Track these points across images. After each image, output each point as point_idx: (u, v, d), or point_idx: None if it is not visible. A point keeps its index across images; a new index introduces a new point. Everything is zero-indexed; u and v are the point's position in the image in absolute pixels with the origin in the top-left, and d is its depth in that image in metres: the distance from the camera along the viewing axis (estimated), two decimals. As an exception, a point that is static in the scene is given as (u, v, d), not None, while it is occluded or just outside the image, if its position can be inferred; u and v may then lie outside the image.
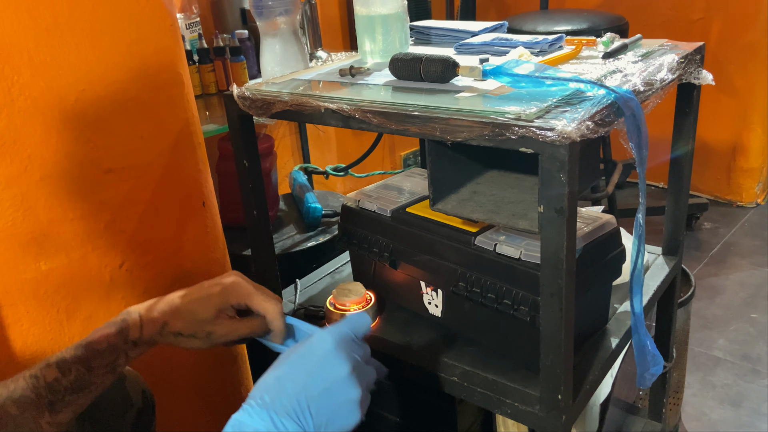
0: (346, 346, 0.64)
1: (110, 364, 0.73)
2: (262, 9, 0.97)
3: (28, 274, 0.86)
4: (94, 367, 0.72)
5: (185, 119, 1.00)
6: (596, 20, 1.96)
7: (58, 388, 0.70)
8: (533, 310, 0.80)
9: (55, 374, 0.71)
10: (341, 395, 0.61)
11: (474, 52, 0.97)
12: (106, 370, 0.73)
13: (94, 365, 0.72)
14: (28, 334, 0.87)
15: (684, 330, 1.44)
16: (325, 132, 2.34)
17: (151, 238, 0.98)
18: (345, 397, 0.61)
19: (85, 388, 0.72)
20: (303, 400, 0.59)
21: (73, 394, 0.71)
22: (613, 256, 0.90)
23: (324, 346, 0.63)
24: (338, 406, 0.61)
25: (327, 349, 0.62)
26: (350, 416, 0.61)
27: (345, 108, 0.79)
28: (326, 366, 0.61)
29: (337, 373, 0.61)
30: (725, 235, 2.54)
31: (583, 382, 0.84)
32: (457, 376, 0.87)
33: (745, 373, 1.80)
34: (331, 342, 0.63)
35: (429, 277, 0.96)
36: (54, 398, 0.70)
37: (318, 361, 0.62)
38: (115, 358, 0.74)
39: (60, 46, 0.83)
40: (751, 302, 2.11)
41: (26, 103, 0.81)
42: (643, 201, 0.74)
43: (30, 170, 0.83)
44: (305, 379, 0.60)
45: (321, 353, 0.62)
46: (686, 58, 0.90)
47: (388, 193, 1.05)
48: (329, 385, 0.61)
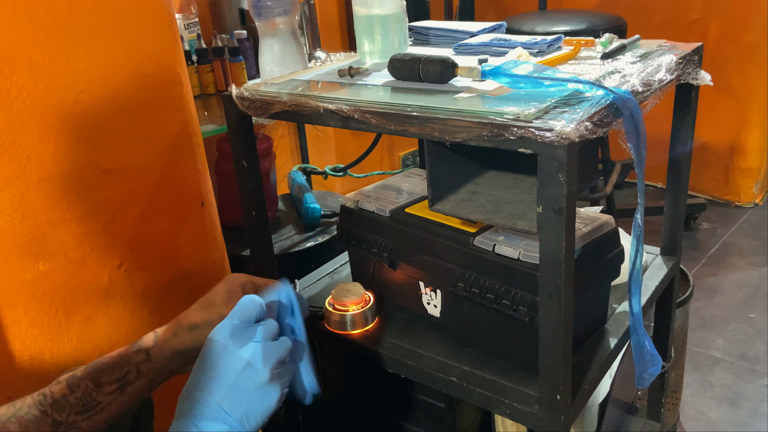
0: (236, 338, 0.65)
1: (120, 379, 0.71)
2: (260, 9, 0.97)
3: (27, 275, 0.85)
4: (102, 383, 0.70)
5: (184, 120, 1.00)
6: (595, 21, 1.96)
7: (63, 405, 0.69)
8: (532, 311, 0.80)
9: (64, 390, 0.69)
10: (248, 384, 0.63)
11: (473, 53, 0.97)
12: (115, 388, 0.71)
13: (103, 380, 0.71)
14: (27, 335, 0.87)
15: (682, 330, 1.44)
16: (324, 132, 2.34)
17: (150, 238, 0.98)
18: (252, 384, 0.63)
19: (91, 409, 0.70)
20: (213, 402, 0.62)
21: (78, 414, 0.69)
22: (611, 256, 0.90)
23: (213, 348, 0.64)
24: (250, 394, 0.63)
25: (216, 350, 0.64)
26: (266, 399, 0.64)
27: (344, 108, 0.79)
28: (222, 365, 0.63)
29: (234, 366, 0.63)
30: (723, 235, 2.54)
31: (582, 382, 0.84)
32: (456, 377, 0.87)
33: (744, 372, 1.81)
34: (218, 341, 0.65)
35: (428, 277, 0.96)
36: (58, 418, 0.68)
37: (213, 363, 0.64)
38: (125, 372, 0.72)
39: (59, 47, 0.83)
40: (749, 302, 2.11)
41: (25, 103, 0.81)
42: (642, 201, 0.75)
43: (28, 171, 0.83)
44: (206, 383, 0.63)
45: (213, 355, 0.64)
46: (684, 58, 0.90)
47: (387, 194, 1.05)
48: (233, 380, 0.63)
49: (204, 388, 0.63)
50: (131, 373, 0.72)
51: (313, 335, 1.05)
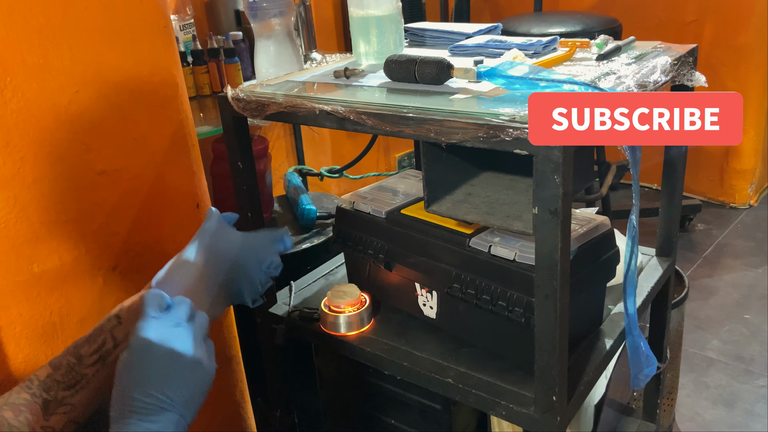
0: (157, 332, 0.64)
1: (98, 350, 0.72)
2: (256, 11, 0.97)
3: (21, 277, 0.85)
4: (83, 356, 0.71)
5: (179, 121, 1.00)
6: (590, 22, 1.97)
7: (50, 384, 0.70)
8: (528, 312, 0.80)
9: (48, 371, 0.71)
10: (181, 368, 0.63)
11: (468, 54, 0.97)
12: (95, 359, 0.72)
13: (83, 353, 0.72)
14: (21, 337, 0.87)
15: (678, 331, 1.45)
16: (320, 134, 2.34)
17: (145, 240, 0.97)
18: (186, 367, 0.64)
19: (77, 383, 0.71)
20: (157, 394, 0.61)
21: (66, 390, 0.70)
22: (607, 257, 0.90)
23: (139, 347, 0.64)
24: (186, 377, 0.64)
25: (143, 348, 0.63)
26: (202, 377, 0.65)
27: (339, 110, 0.79)
28: (151, 359, 0.63)
29: (164, 357, 0.63)
30: (718, 236, 2.55)
31: (578, 383, 0.85)
32: (452, 378, 0.87)
33: (739, 373, 1.81)
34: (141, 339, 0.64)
35: (424, 278, 0.96)
36: (47, 396, 0.69)
37: (142, 361, 0.63)
38: (102, 342, 0.73)
39: (53, 48, 0.82)
40: (744, 303, 2.12)
41: (19, 104, 0.80)
42: (637, 202, 0.75)
43: (23, 172, 0.82)
44: (142, 380, 0.62)
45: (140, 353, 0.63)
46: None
47: (383, 195, 1.05)
48: (166, 369, 0.63)
49: (142, 385, 0.62)
50: (107, 341, 0.73)
51: (309, 337, 1.06)
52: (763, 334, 1.96)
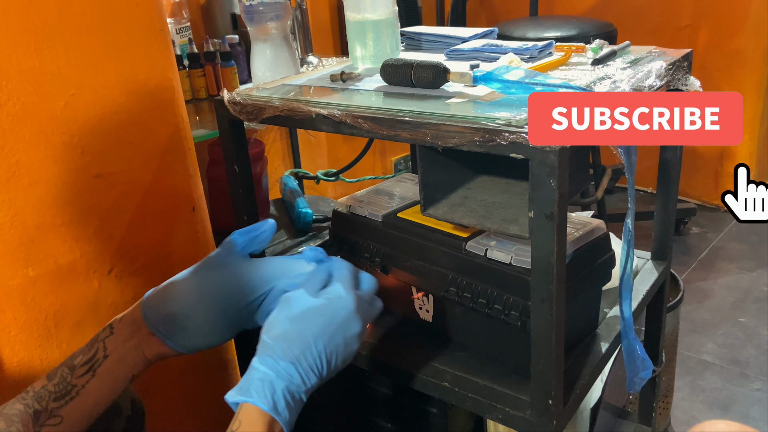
0: (361, 307, 0.72)
1: (89, 360, 0.72)
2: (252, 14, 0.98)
3: (16, 281, 0.85)
4: (75, 366, 0.71)
5: (175, 124, 0.99)
6: (585, 27, 1.98)
7: (42, 394, 0.69)
8: (524, 315, 0.80)
9: (43, 381, 0.70)
10: (352, 345, 0.71)
11: (464, 58, 0.97)
12: (86, 369, 0.71)
13: (76, 363, 0.71)
14: (16, 341, 0.86)
15: (673, 334, 1.45)
16: (316, 137, 2.34)
17: (141, 243, 0.97)
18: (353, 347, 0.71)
19: (66, 394, 0.70)
20: (324, 356, 0.68)
21: (56, 401, 0.69)
22: (602, 260, 0.90)
23: (346, 310, 0.70)
24: (348, 352, 0.71)
25: (348, 313, 0.70)
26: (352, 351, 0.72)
27: (336, 113, 0.79)
28: (346, 327, 0.70)
29: (354, 330, 0.70)
30: (713, 239, 2.56)
31: (574, 386, 0.85)
32: (448, 382, 0.87)
33: (734, 376, 1.82)
34: (352, 305, 0.71)
35: (420, 282, 0.96)
36: (38, 407, 0.68)
37: (341, 322, 0.70)
38: (94, 351, 0.72)
39: (49, 51, 0.82)
40: (739, 306, 2.13)
41: (14, 107, 0.80)
42: (632, 206, 0.75)
43: (18, 175, 0.82)
44: (329, 338, 0.68)
45: (344, 315, 0.70)
46: (674, 64, 0.90)
47: (379, 198, 1.05)
48: (346, 340, 0.70)
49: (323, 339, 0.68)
50: (99, 351, 0.72)
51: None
52: (759, 338, 1.96)
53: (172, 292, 0.75)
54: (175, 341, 0.74)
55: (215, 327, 0.75)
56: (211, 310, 0.74)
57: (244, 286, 0.75)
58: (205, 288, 0.75)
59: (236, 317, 0.76)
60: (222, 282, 0.75)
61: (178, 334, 0.74)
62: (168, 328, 0.73)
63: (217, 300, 0.75)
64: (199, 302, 0.74)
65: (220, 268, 0.76)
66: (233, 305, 0.75)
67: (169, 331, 0.73)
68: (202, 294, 0.75)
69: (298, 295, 0.71)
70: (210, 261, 0.77)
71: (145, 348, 0.74)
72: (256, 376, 0.65)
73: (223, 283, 0.75)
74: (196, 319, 0.74)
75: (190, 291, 0.75)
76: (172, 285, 0.76)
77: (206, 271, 0.76)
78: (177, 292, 0.75)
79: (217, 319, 0.75)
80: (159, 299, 0.75)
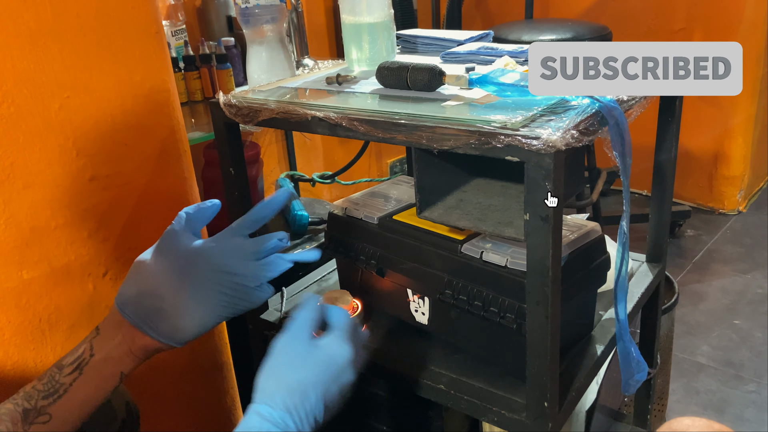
0: (356, 355, 0.71)
1: (77, 359, 0.72)
2: (248, 17, 0.97)
3: (10, 283, 0.84)
4: (64, 365, 0.72)
5: (170, 127, 0.99)
6: (580, 30, 1.98)
7: (32, 393, 0.70)
8: (519, 318, 0.80)
9: (34, 381, 0.71)
10: (345, 394, 0.71)
11: (460, 61, 0.98)
12: (73, 368, 0.72)
13: (65, 362, 0.72)
14: (10, 344, 0.86)
15: (668, 336, 1.45)
16: (312, 140, 2.34)
17: (136, 246, 0.97)
18: (346, 395, 0.71)
19: (55, 392, 0.70)
20: (321, 405, 0.68)
21: (44, 399, 0.70)
22: (598, 263, 0.90)
23: (344, 358, 0.70)
24: (341, 400, 0.71)
25: (345, 363, 0.70)
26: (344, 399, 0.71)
27: (332, 116, 0.79)
28: (342, 376, 0.70)
29: (348, 379, 0.70)
30: (708, 242, 2.57)
31: (569, 389, 0.85)
32: (443, 384, 0.87)
33: (729, 379, 1.82)
34: (349, 356, 0.70)
35: (416, 284, 0.96)
36: (27, 405, 0.69)
37: (338, 372, 0.69)
38: (81, 351, 0.73)
39: (44, 53, 0.82)
40: (733, 308, 2.13)
41: (9, 110, 0.80)
42: (627, 208, 0.75)
43: (12, 178, 0.82)
44: (326, 388, 0.68)
45: (341, 365, 0.70)
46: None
47: (375, 201, 1.05)
48: (341, 389, 0.70)
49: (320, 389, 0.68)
50: (86, 351, 0.73)
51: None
52: (753, 340, 1.97)
53: (138, 277, 0.75)
54: (157, 330, 0.72)
55: (191, 307, 0.73)
56: (181, 291, 0.73)
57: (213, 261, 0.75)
58: (167, 268, 0.74)
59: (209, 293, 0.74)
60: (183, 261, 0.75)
61: (157, 321, 0.73)
62: (145, 317, 0.73)
63: (179, 278, 0.73)
64: (165, 283, 0.73)
65: (178, 248, 0.76)
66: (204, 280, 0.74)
67: (147, 319, 0.72)
68: (165, 274, 0.74)
69: (297, 341, 0.71)
70: (166, 241, 0.77)
71: (130, 342, 0.73)
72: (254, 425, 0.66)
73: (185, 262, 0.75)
74: (166, 300, 0.73)
75: (154, 273, 0.74)
76: (137, 271, 0.75)
77: (165, 253, 0.76)
78: (142, 278, 0.74)
79: (190, 299, 0.73)
80: (128, 287, 0.74)
